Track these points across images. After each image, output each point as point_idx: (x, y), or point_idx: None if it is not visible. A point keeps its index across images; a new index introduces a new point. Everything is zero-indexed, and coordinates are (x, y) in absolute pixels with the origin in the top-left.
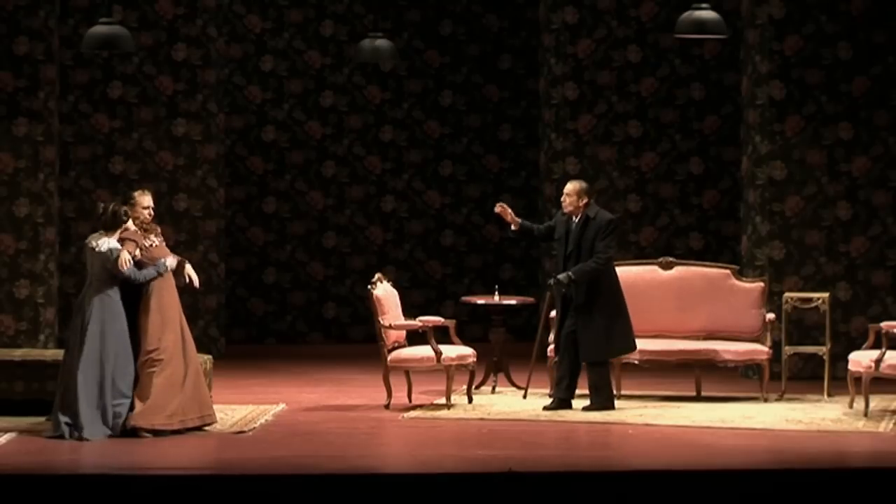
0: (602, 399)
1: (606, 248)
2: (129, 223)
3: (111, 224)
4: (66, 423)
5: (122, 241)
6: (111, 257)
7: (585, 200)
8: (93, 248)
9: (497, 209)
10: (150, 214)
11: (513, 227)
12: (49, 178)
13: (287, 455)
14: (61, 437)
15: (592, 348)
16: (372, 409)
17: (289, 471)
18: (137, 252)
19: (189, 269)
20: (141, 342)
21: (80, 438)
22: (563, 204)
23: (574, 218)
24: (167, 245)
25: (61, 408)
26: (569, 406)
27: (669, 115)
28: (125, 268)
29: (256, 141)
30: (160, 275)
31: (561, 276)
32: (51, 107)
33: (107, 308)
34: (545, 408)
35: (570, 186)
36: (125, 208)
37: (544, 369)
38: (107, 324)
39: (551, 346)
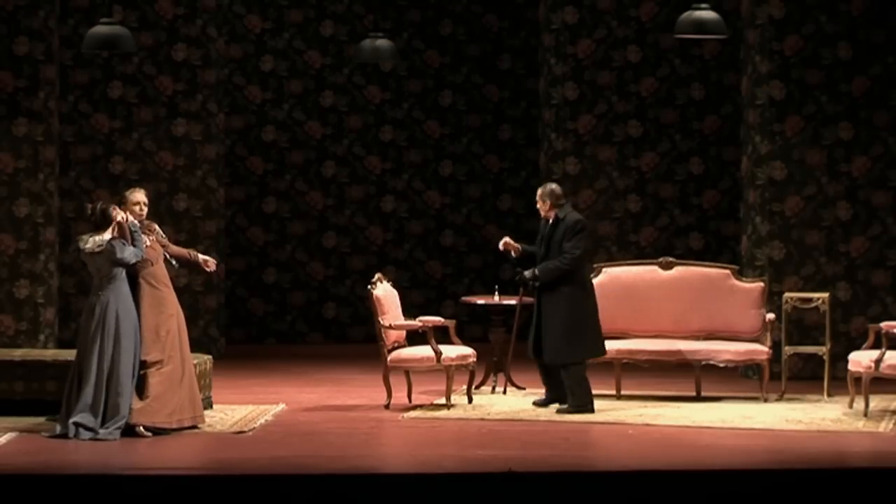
0: (576, 401)
1: (573, 248)
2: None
3: (102, 222)
4: (76, 424)
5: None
6: (114, 248)
7: (554, 202)
8: (91, 252)
9: (501, 247)
10: (140, 210)
11: (513, 254)
12: (49, 178)
13: (287, 455)
14: (64, 436)
15: (551, 350)
16: (372, 409)
17: (289, 471)
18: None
19: (201, 257)
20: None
21: (95, 439)
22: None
23: (549, 221)
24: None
25: (73, 409)
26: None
27: (669, 115)
28: (120, 217)
29: (256, 141)
30: (142, 252)
31: (526, 273)
32: (51, 107)
33: (124, 305)
34: (535, 403)
35: (539, 191)
36: (114, 206)
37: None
38: (129, 320)
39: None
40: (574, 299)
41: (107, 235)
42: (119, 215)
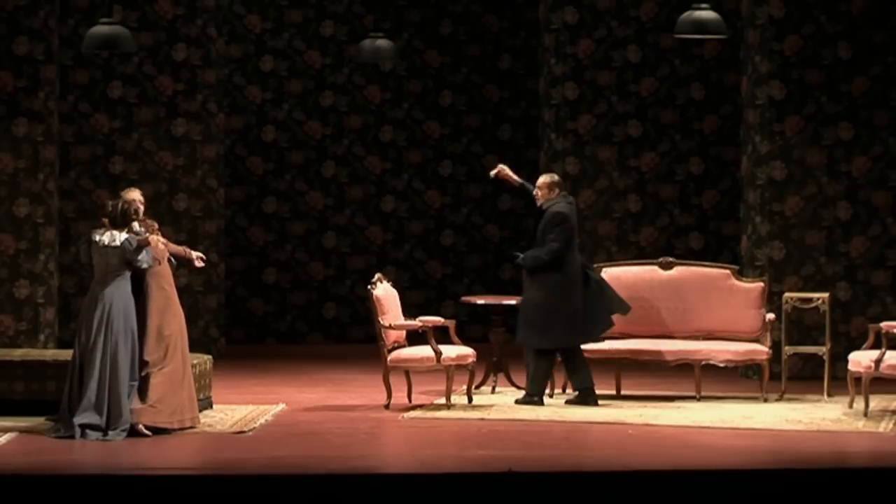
0: (530, 389)
1: (553, 240)
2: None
3: (122, 221)
4: (82, 426)
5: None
6: (130, 247)
7: (547, 193)
8: (105, 245)
9: (494, 174)
10: (141, 206)
11: (514, 184)
12: (49, 178)
13: (287, 455)
14: (70, 437)
15: (522, 334)
16: (372, 409)
17: (289, 471)
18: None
19: (194, 253)
20: (139, 342)
21: (103, 439)
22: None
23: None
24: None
25: (76, 408)
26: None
27: (669, 115)
28: (161, 247)
29: (256, 141)
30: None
31: (518, 254)
32: (51, 107)
33: (126, 304)
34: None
35: (540, 180)
36: (136, 206)
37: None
38: (130, 319)
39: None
40: (553, 289)
41: (123, 235)
42: (153, 239)
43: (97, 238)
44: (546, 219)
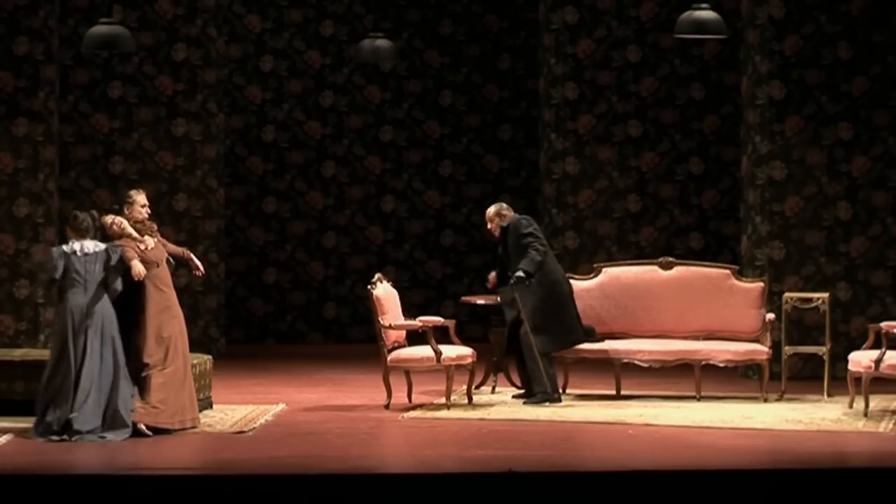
0: (542, 389)
1: (530, 243)
2: (125, 225)
3: (97, 234)
4: (79, 432)
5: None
6: (114, 255)
7: (500, 220)
8: (87, 252)
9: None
10: (147, 212)
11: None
12: (49, 178)
13: (287, 455)
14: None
15: (536, 342)
16: (372, 409)
17: (289, 471)
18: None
19: (194, 259)
20: (139, 344)
21: (104, 440)
22: (490, 231)
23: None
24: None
25: (73, 419)
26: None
27: (669, 115)
28: (142, 276)
29: (256, 141)
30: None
31: (519, 274)
32: (51, 107)
33: (111, 312)
34: (514, 396)
35: (487, 214)
36: (116, 208)
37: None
38: (115, 327)
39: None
40: (546, 290)
41: (101, 244)
42: (150, 243)
43: (75, 248)
44: (510, 233)
